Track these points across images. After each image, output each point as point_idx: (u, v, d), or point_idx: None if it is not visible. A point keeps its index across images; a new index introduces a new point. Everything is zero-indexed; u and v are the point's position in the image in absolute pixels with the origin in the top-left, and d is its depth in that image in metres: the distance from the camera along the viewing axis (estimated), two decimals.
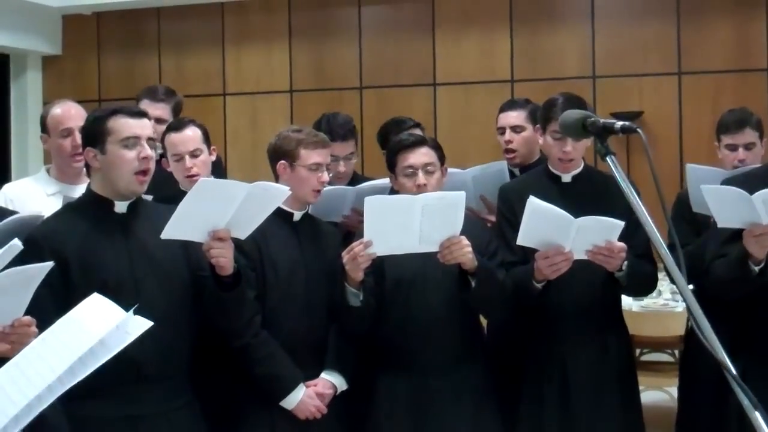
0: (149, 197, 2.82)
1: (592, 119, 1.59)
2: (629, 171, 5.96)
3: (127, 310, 1.91)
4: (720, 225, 2.60)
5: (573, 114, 1.69)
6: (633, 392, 3.17)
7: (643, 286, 3.12)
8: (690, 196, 3.26)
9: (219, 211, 2.46)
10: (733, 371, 1.16)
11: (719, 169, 3.31)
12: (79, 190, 3.30)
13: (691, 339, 3.58)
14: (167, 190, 3.16)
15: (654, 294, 4.17)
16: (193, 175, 3.35)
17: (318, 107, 7.06)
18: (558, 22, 6.89)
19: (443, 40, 7.08)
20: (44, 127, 3.41)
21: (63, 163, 3.38)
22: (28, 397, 1.68)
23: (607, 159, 1.52)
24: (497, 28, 6.96)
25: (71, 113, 3.37)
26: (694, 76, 6.62)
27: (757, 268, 2.67)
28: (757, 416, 1.11)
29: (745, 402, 1.11)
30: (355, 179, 3.62)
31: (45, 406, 1.72)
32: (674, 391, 5.02)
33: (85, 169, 2.68)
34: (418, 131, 3.55)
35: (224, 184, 2.48)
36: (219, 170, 3.77)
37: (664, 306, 4.85)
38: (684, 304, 4.72)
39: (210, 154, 3.43)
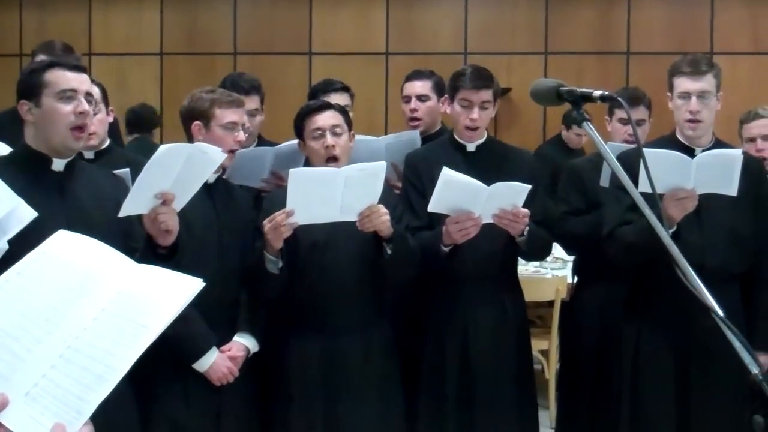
0: None
1: (567, 88, 1.69)
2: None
3: None
4: (640, 189, 2.79)
5: (546, 82, 1.78)
6: (527, 351, 3.35)
7: (541, 250, 3.30)
8: (603, 171, 3.38)
9: (164, 175, 2.40)
10: (721, 313, 1.28)
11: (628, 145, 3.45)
12: None
13: (574, 304, 3.78)
14: None
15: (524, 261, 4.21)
16: (90, 133, 3.25)
17: (189, 71, 6.96)
18: None
19: (320, 9, 7.08)
20: None
21: None
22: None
23: (584, 125, 1.62)
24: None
25: None
26: (559, 56, 6.95)
27: (670, 232, 2.88)
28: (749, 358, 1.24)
29: (736, 344, 1.23)
30: (261, 141, 3.61)
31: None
32: (539, 355, 5.32)
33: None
34: (346, 95, 3.62)
35: (176, 148, 2.39)
36: (115, 132, 3.66)
37: (536, 272, 5.11)
38: (553, 272, 5.00)
39: (108, 114, 3.33)
